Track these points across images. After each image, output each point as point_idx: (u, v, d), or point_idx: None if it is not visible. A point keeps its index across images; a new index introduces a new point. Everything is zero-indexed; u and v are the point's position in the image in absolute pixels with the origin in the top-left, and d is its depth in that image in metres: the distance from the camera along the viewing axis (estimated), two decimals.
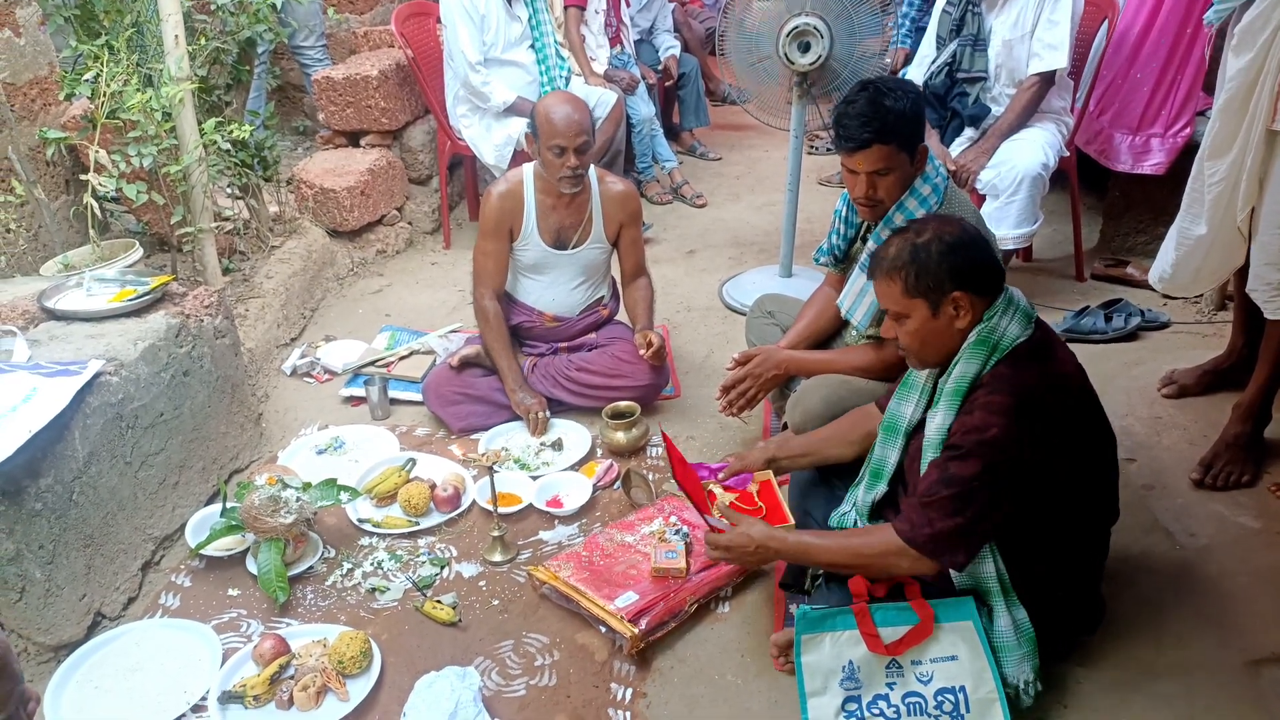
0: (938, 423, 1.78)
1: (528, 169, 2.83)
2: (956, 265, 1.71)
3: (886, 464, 1.95)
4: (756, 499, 2.20)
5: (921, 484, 1.76)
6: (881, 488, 1.96)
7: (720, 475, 2.19)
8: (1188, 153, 2.68)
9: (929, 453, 1.79)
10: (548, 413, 2.79)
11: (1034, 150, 3.17)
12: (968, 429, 1.69)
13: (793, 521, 2.10)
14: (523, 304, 2.93)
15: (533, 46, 3.98)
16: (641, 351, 2.79)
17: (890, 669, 1.76)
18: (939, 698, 1.74)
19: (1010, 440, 1.65)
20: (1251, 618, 2.00)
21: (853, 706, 1.77)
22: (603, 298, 3.01)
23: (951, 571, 1.78)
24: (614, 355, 2.87)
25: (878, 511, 1.98)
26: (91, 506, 2.11)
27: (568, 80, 4.07)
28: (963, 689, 1.74)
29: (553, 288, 2.91)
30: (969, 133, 3.37)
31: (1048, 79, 3.24)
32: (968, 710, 1.74)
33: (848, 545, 1.83)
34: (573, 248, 2.86)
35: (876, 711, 1.76)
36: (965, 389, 1.74)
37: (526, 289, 2.92)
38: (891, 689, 1.75)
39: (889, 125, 2.11)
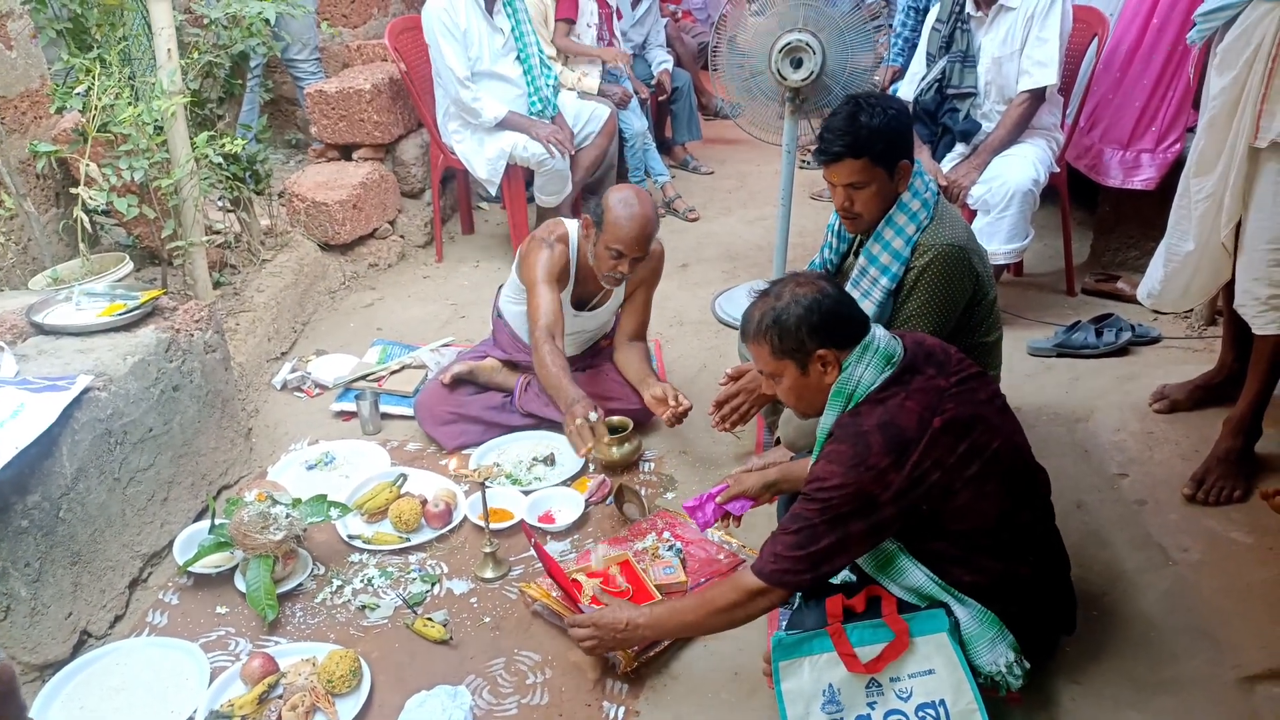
0: (805, 469, 1.85)
1: (573, 230, 2.74)
2: (814, 325, 1.77)
3: None
4: (620, 580, 2.17)
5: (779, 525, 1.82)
6: None
7: (719, 498, 2.17)
8: (1178, 168, 2.69)
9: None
10: (595, 415, 2.44)
11: (1025, 166, 3.18)
12: (814, 476, 1.75)
13: (660, 597, 2.09)
14: (527, 345, 2.90)
15: (518, 59, 3.97)
16: (666, 415, 2.60)
17: (870, 688, 1.76)
18: (920, 713, 1.73)
19: (849, 486, 1.69)
20: (1245, 634, 1.99)
21: None
22: (607, 333, 2.99)
23: (895, 586, 1.80)
24: (608, 377, 2.85)
25: None
26: (79, 524, 2.09)
27: (556, 91, 4.06)
28: (943, 702, 1.73)
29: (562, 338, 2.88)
30: (960, 148, 3.39)
31: (1038, 96, 3.26)
32: None
33: (703, 600, 1.88)
34: (590, 309, 2.84)
35: None
36: (824, 438, 1.81)
37: None
38: (873, 709, 1.75)
39: (862, 140, 2.16)
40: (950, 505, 1.74)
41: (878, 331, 1.82)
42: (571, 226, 2.76)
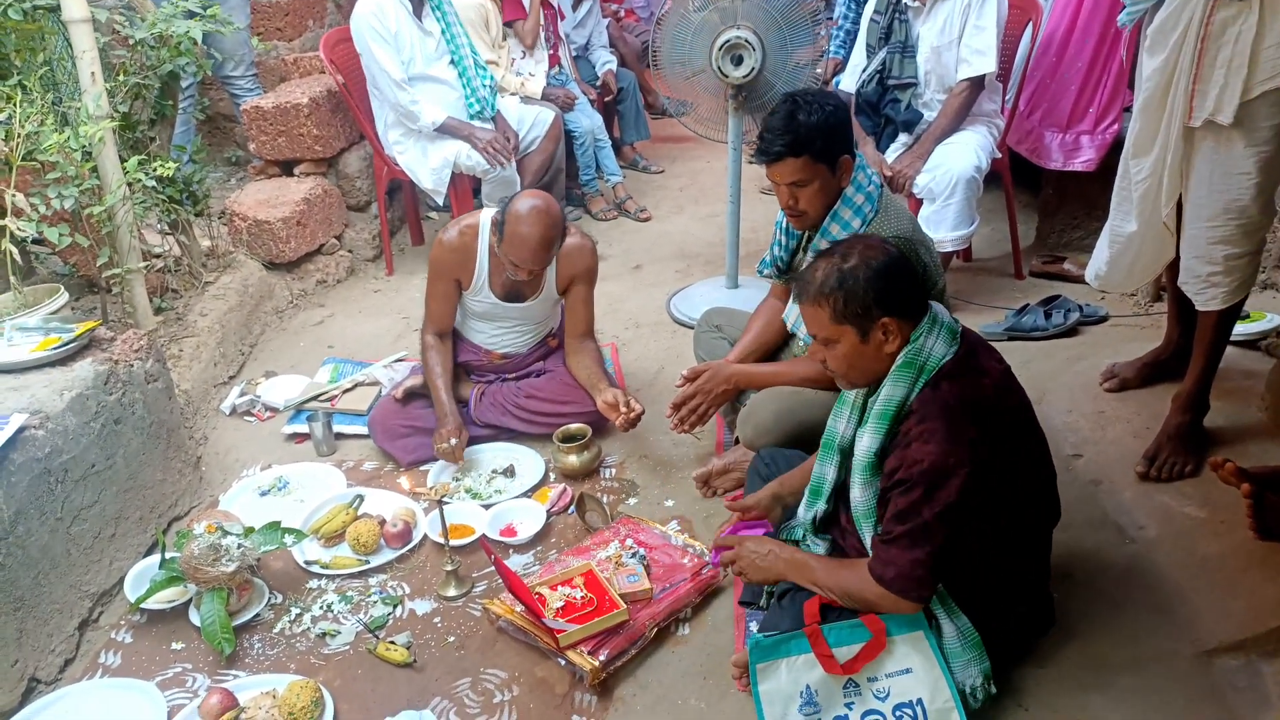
0: (865, 444, 1.78)
1: (485, 220, 2.71)
2: (883, 290, 1.69)
3: (825, 481, 1.95)
4: (584, 589, 2.15)
5: (883, 522, 1.75)
6: (821, 505, 1.95)
7: (724, 533, 2.17)
8: (1117, 148, 2.73)
9: (857, 474, 1.81)
10: (457, 440, 2.65)
11: (966, 153, 3.21)
12: (909, 463, 1.67)
13: (624, 606, 2.08)
14: (470, 343, 2.88)
15: (451, 62, 3.92)
16: (619, 420, 2.63)
17: (848, 689, 1.74)
18: (898, 713, 1.73)
19: (947, 466, 1.64)
20: (1201, 608, 2.03)
21: None
22: (552, 330, 2.96)
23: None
24: (562, 381, 2.83)
25: (824, 528, 1.98)
26: (20, 568, 2.02)
27: (493, 92, 4.02)
28: (920, 701, 1.73)
29: (501, 334, 2.86)
30: (903, 138, 3.41)
31: (977, 84, 3.29)
32: None
33: (840, 581, 1.80)
34: (524, 301, 2.80)
35: None
36: (892, 412, 1.73)
37: (475, 330, 2.87)
38: (850, 709, 1.74)
39: (801, 138, 2.16)
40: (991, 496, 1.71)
41: (936, 305, 1.78)
42: (485, 215, 2.72)
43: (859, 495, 1.82)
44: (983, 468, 1.65)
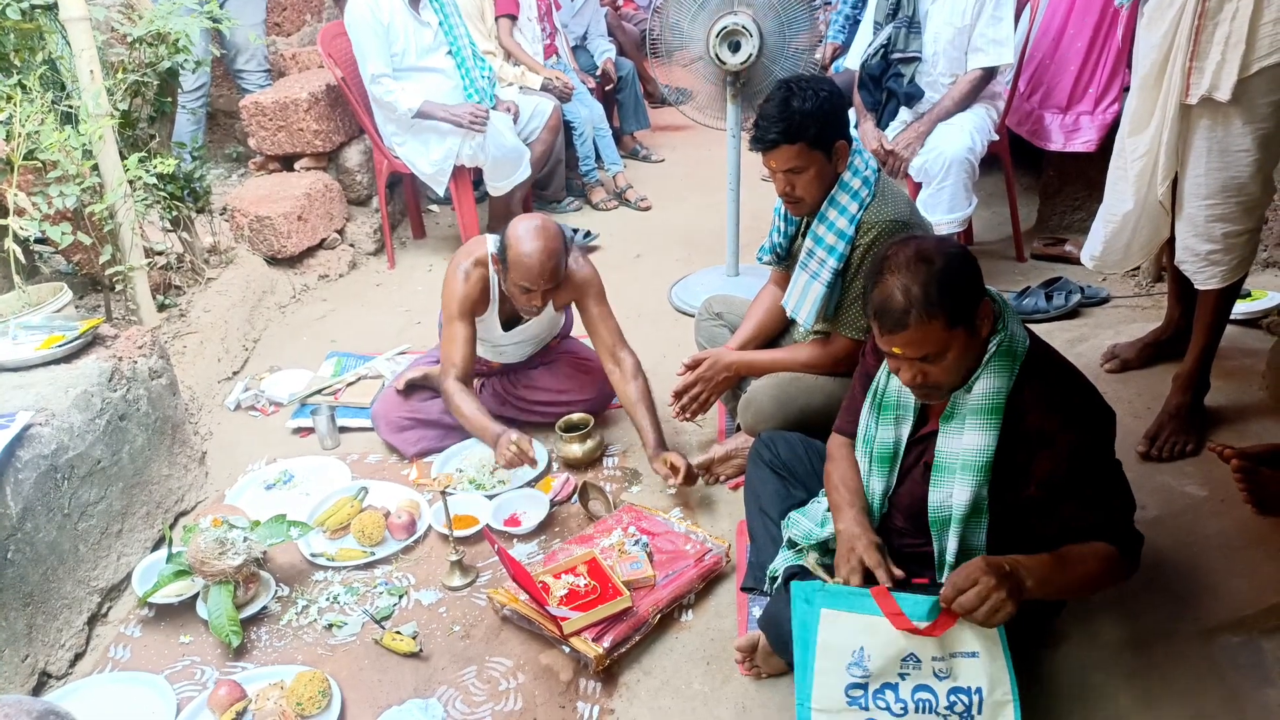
0: (973, 442, 1.66)
1: (494, 248, 2.58)
2: (977, 275, 1.61)
3: (875, 495, 1.85)
4: (587, 577, 2.15)
5: (1080, 521, 1.66)
6: (873, 519, 1.85)
7: None
8: (1117, 128, 2.72)
9: (959, 475, 1.68)
10: (517, 441, 2.46)
11: (960, 135, 3.20)
12: (1066, 456, 1.61)
13: (627, 593, 2.06)
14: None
15: (449, 52, 3.92)
16: (672, 483, 2.50)
17: (906, 661, 1.63)
18: (951, 697, 1.62)
19: (1101, 437, 1.65)
20: (1202, 587, 2.03)
21: (858, 693, 1.63)
22: (554, 336, 2.92)
23: (953, 541, 1.72)
24: (561, 373, 2.83)
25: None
26: (29, 564, 2.04)
27: (492, 84, 4.02)
28: (979, 690, 1.62)
29: (501, 351, 2.82)
30: (904, 114, 3.38)
31: (990, 72, 3.26)
32: (980, 713, 1.61)
33: (1087, 574, 1.67)
34: (523, 323, 2.73)
35: (882, 704, 1.63)
36: (1002, 405, 1.63)
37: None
38: (903, 680, 1.63)
39: (795, 126, 2.16)
40: None
41: (989, 288, 1.72)
42: (493, 245, 2.59)
43: (957, 497, 1.68)
44: (1113, 428, 1.67)
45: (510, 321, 2.71)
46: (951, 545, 1.73)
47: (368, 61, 3.72)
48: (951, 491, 1.70)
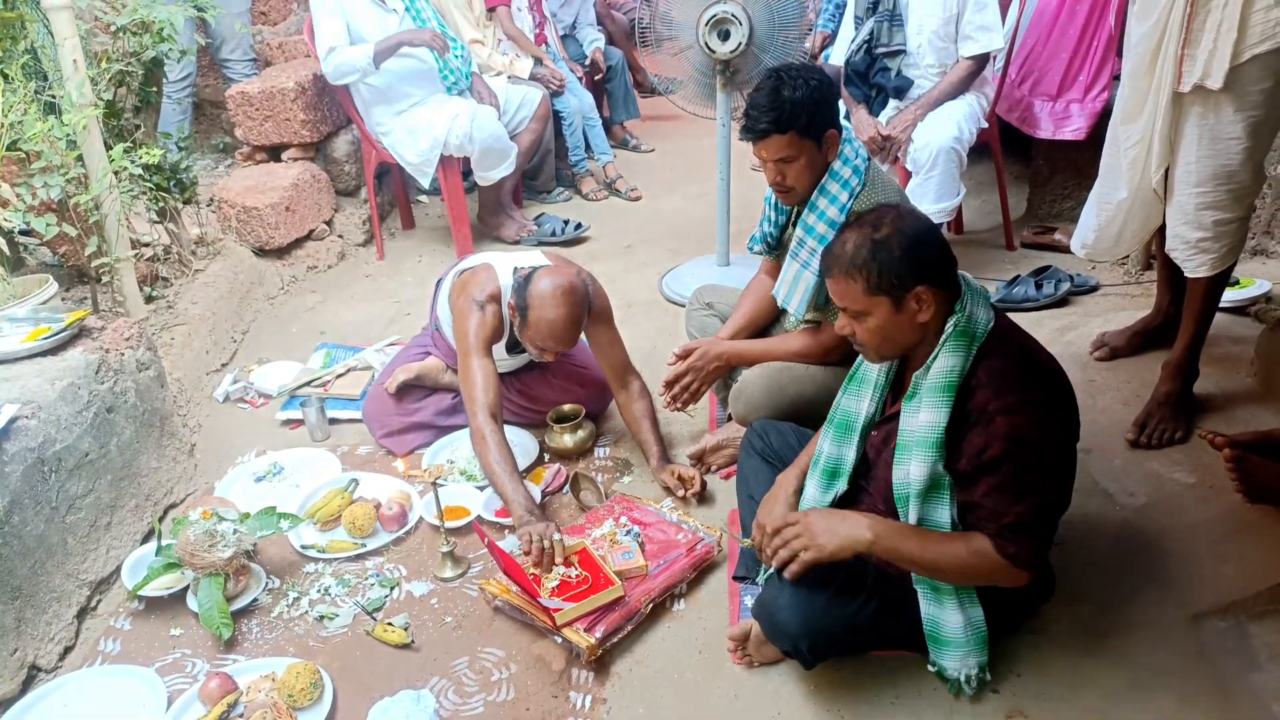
0: (925, 419, 1.70)
1: (505, 285, 2.50)
2: (919, 259, 1.64)
3: (844, 463, 1.90)
4: (578, 567, 2.15)
5: (986, 506, 1.68)
6: (841, 485, 1.91)
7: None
8: (1107, 116, 2.73)
9: (913, 451, 1.72)
10: (558, 535, 2.21)
11: (947, 124, 3.20)
12: (1000, 437, 1.63)
13: (619, 583, 2.08)
14: None
15: None
16: (682, 494, 2.46)
17: None
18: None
19: (1043, 434, 1.63)
20: (1190, 573, 2.04)
21: None
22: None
23: (912, 514, 1.76)
24: (557, 385, 2.80)
25: (841, 507, 1.92)
26: (17, 557, 2.03)
27: (468, 64, 3.98)
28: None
29: (500, 366, 2.77)
30: (894, 104, 3.38)
31: (982, 60, 3.26)
32: None
33: (940, 552, 1.71)
34: (522, 351, 2.67)
35: None
36: (956, 383, 1.67)
37: None
38: None
39: (785, 115, 2.15)
40: None
41: (964, 274, 1.75)
42: (504, 280, 2.50)
43: (914, 473, 1.72)
44: (1068, 430, 1.68)
45: (515, 344, 2.64)
46: (912, 520, 1.76)
47: (321, 38, 3.65)
48: (909, 469, 1.74)
